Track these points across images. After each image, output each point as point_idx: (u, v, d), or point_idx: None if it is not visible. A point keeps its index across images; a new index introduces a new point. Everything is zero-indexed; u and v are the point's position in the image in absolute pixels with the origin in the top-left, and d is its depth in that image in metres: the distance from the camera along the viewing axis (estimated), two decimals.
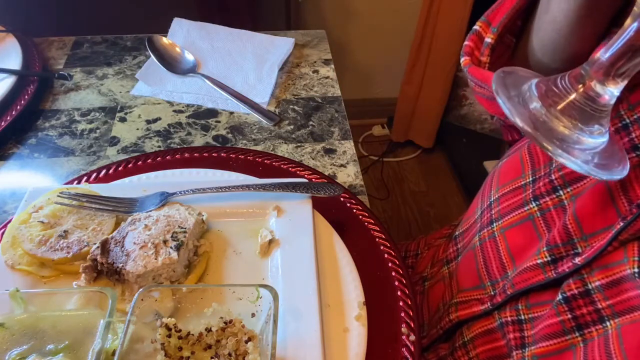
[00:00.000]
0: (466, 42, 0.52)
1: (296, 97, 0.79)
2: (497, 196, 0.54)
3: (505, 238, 0.51)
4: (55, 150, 0.69)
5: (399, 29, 1.87)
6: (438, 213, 1.90)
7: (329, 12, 1.80)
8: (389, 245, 0.54)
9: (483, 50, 0.50)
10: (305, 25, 1.79)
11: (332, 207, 0.57)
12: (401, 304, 0.49)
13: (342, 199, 0.58)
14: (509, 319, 0.48)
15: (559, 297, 0.42)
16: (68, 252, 0.49)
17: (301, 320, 0.46)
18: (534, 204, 0.48)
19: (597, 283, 0.40)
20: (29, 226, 0.51)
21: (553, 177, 0.47)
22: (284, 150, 0.70)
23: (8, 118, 0.70)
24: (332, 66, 0.86)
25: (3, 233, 0.52)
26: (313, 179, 0.61)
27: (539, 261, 0.45)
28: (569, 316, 0.41)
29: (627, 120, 0.42)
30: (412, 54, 1.81)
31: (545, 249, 0.45)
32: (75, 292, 0.47)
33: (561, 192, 0.46)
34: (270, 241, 0.52)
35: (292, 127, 0.74)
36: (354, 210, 0.58)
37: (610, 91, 0.35)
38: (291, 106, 0.77)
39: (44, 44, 0.86)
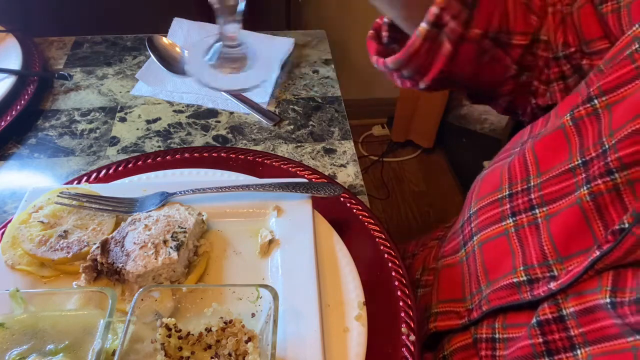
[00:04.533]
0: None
1: (296, 97, 0.79)
2: (475, 209, 0.54)
3: (482, 252, 0.51)
4: (55, 150, 0.69)
5: None
6: (438, 213, 1.90)
7: (329, 12, 1.80)
8: (389, 245, 0.54)
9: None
10: (305, 25, 1.79)
11: (332, 207, 0.57)
12: (401, 304, 0.49)
13: (342, 199, 0.58)
14: (484, 335, 0.48)
15: (534, 320, 0.42)
16: (68, 252, 0.49)
17: (301, 320, 0.46)
18: (510, 220, 0.48)
19: (571, 309, 0.40)
20: (29, 226, 0.51)
21: (532, 196, 0.47)
22: (284, 150, 0.70)
23: (8, 118, 0.70)
24: (332, 66, 0.86)
25: (3, 233, 0.52)
26: (313, 179, 0.61)
27: (514, 280, 0.45)
28: (540, 340, 0.41)
29: (607, 146, 0.41)
30: None
31: (522, 268, 0.45)
32: (75, 292, 0.47)
33: (537, 211, 0.46)
34: (270, 241, 0.52)
35: (292, 127, 0.74)
36: (354, 210, 0.58)
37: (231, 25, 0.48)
38: (291, 106, 0.77)
39: (44, 44, 0.86)
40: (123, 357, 0.40)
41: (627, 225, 0.37)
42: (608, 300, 0.37)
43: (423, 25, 0.54)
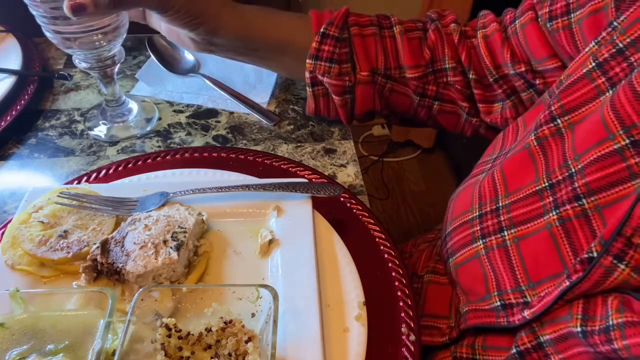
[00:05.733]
0: None
1: (296, 97, 0.79)
2: (449, 230, 0.54)
3: (458, 274, 0.51)
4: (55, 150, 0.69)
5: None
6: (438, 213, 1.89)
7: None
8: (389, 245, 0.54)
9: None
10: None
11: (332, 207, 0.57)
12: (401, 304, 0.49)
13: (342, 199, 0.58)
14: (465, 356, 0.48)
15: (514, 350, 0.42)
16: (68, 252, 0.49)
17: (301, 320, 0.46)
18: (480, 242, 0.48)
19: (547, 337, 0.40)
20: (29, 226, 0.51)
21: (501, 217, 0.46)
22: (284, 150, 0.70)
23: (8, 118, 0.70)
24: None
25: (3, 233, 0.52)
26: (313, 179, 0.61)
27: (491, 305, 0.46)
28: None
29: (573, 170, 0.41)
30: None
31: (495, 293, 0.45)
32: (75, 292, 0.47)
33: (505, 233, 0.46)
34: (270, 241, 0.52)
35: (292, 127, 0.74)
36: (354, 210, 0.58)
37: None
38: (291, 106, 0.77)
39: (44, 44, 0.86)
40: (123, 357, 0.40)
41: (595, 255, 0.37)
42: (579, 329, 0.37)
43: (308, 89, 0.63)
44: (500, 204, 0.47)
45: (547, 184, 0.43)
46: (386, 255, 0.53)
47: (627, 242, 0.35)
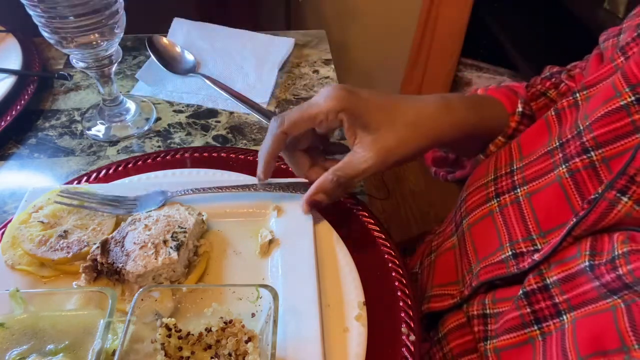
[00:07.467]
0: None
1: (296, 97, 0.79)
2: (464, 195, 0.56)
3: (471, 234, 0.53)
4: (55, 150, 0.69)
5: (399, 29, 1.88)
6: (438, 213, 1.90)
7: (329, 12, 1.80)
8: (389, 245, 0.54)
9: None
10: (305, 25, 1.79)
11: (332, 207, 0.57)
12: (401, 304, 0.49)
13: (342, 199, 0.58)
14: (475, 312, 0.49)
15: (520, 292, 0.43)
16: (68, 252, 0.49)
17: (301, 320, 0.46)
18: (495, 201, 0.51)
19: (554, 278, 0.41)
20: (29, 226, 0.51)
21: (515, 177, 0.49)
22: None
23: (8, 118, 0.70)
24: (332, 66, 0.86)
25: (3, 233, 0.52)
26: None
27: (502, 257, 0.47)
28: (528, 310, 0.42)
29: (581, 128, 0.45)
30: (412, 54, 1.81)
31: (507, 244, 0.47)
32: (75, 292, 0.47)
33: (518, 190, 0.49)
34: (270, 241, 0.52)
35: None
36: (354, 210, 0.58)
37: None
38: (291, 106, 0.77)
39: (44, 44, 0.86)
40: (123, 357, 0.40)
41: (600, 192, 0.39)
42: (587, 263, 0.39)
43: (480, 156, 0.61)
44: (515, 167, 0.50)
45: (557, 143, 0.46)
46: (386, 255, 0.53)
47: (630, 179, 0.38)
